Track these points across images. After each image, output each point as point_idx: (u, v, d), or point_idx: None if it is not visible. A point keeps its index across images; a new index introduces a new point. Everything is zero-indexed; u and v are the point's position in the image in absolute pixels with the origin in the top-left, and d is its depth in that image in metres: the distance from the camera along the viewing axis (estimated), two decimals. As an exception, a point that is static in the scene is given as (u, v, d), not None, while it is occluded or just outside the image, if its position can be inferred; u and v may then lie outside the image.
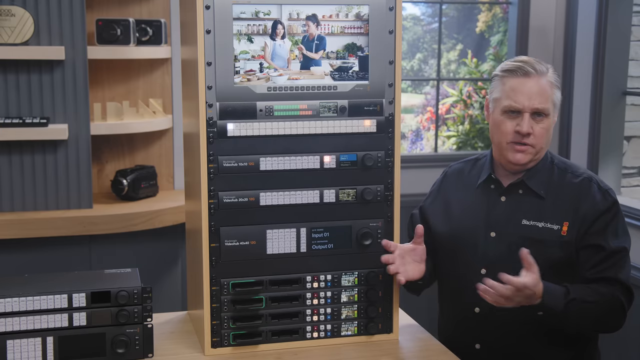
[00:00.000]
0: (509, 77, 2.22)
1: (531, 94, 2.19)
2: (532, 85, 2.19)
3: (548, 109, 2.20)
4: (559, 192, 2.23)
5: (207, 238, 2.14)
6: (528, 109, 2.19)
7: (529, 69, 2.20)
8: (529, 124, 2.18)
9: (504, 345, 2.25)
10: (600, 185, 2.23)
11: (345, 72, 2.17)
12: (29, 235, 3.26)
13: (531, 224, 2.22)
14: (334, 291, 2.24)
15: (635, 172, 4.40)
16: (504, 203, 2.27)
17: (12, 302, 2.03)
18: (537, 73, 2.20)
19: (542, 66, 2.22)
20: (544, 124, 2.20)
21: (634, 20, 4.01)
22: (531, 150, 2.22)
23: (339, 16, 2.15)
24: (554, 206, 2.22)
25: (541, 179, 2.25)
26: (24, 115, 3.31)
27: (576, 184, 2.23)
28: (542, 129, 2.20)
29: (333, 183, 2.20)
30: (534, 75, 2.19)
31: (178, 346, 2.24)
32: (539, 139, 2.21)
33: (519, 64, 2.22)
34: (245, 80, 2.12)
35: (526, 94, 2.19)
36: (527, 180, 2.25)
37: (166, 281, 3.67)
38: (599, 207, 2.19)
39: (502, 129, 2.23)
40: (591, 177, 2.25)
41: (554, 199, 2.23)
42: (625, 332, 3.54)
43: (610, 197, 2.21)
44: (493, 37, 4.98)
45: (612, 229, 2.19)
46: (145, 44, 3.57)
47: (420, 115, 5.23)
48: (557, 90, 2.24)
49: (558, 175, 2.26)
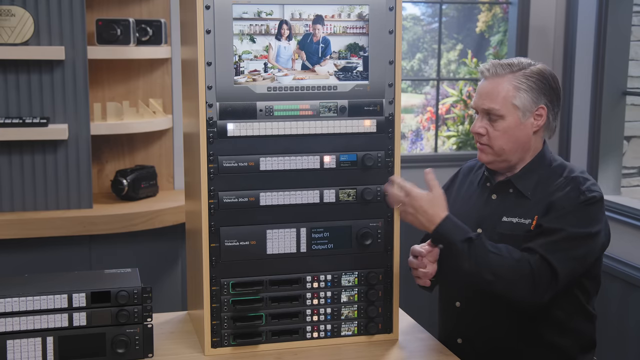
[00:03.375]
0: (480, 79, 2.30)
1: (482, 94, 2.24)
2: (486, 86, 2.23)
3: (497, 110, 2.19)
4: (543, 192, 2.22)
5: (207, 238, 2.14)
6: (479, 109, 2.25)
7: (486, 72, 2.24)
8: (479, 124, 2.24)
9: (484, 340, 2.26)
10: (580, 186, 2.16)
11: (349, 72, 2.18)
12: (29, 235, 3.26)
13: (508, 220, 2.23)
14: (334, 291, 2.24)
15: (635, 172, 4.40)
16: (494, 201, 2.29)
17: (12, 302, 2.03)
18: (494, 75, 2.22)
19: (507, 68, 2.21)
20: (499, 126, 2.21)
21: (634, 20, 4.01)
22: (488, 151, 2.24)
23: (342, 16, 2.15)
24: (533, 204, 2.21)
25: (531, 180, 2.24)
26: (24, 115, 3.31)
27: (559, 182, 2.20)
28: (498, 131, 2.21)
29: (333, 183, 2.20)
30: (490, 77, 2.23)
31: (178, 346, 2.24)
32: (493, 140, 2.22)
33: (485, 65, 2.27)
34: (250, 80, 2.12)
35: (480, 95, 2.25)
36: (515, 180, 2.25)
37: (166, 281, 3.67)
38: (567, 200, 2.14)
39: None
40: (577, 177, 2.19)
41: (537, 198, 2.22)
42: (624, 332, 3.54)
43: (584, 195, 2.14)
44: (493, 37, 4.98)
45: (560, 212, 2.13)
46: (145, 44, 3.57)
47: (420, 115, 5.22)
48: (524, 92, 2.19)
49: (549, 177, 2.23)
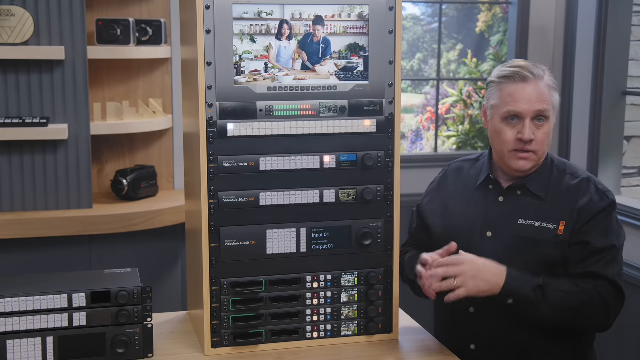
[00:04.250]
0: (506, 83, 2.20)
1: (531, 98, 2.17)
2: (532, 90, 2.18)
3: (549, 111, 2.20)
4: (557, 193, 2.23)
5: (207, 238, 2.14)
6: (529, 113, 2.17)
7: (527, 74, 2.18)
8: (530, 130, 2.17)
9: (499, 346, 2.25)
10: (598, 187, 2.22)
11: (350, 72, 2.18)
12: (29, 235, 3.26)
13: (527, 223, 2.21)
14: (334, 291, 2.24)
15: (635, 172, 4.40)
16: (501, 203, 2.27)
17: (12, 302, 2.03)
18: (535, 77, 2.19)
19: (539, 70, 2.21)
20: (544, 129, 2.19)
21: (634, 20, 4.01)
22: (534, 157, 2.21)
23: (342, 16, 2.15)
24: (552, 206, 2.22)
25: (542, 181, 2.25)
26: (24, 115, 3.31)
27: (575, 184, 2.23)
28: (544, 134, 2.19)
29: (333, 183, 2.20)
30: (532, 80, 2.18)
31: (178, 346, 2.24)
32: (541, 144, 2.20)
33: (515, 69, 2.20)
34: (251, 80, 2.12)
35: (526, 99, 2.17)
36: (528, 184, 2.24)
37: (166, 281, 3.67)
38: (595, 206, 2.18)
39: (503, 138, 2.21)
40: (590, 177, 2.25)
41: (552, 199, 2.23)
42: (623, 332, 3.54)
43: (607, 198, 2.21)
44: (493, 37, 4.98)
45: (603, 228, 2.18)
46: (145, 44, 3.57)
47: (420, 115, 5.23)
48: (556, 92, 2.23)
49: (557, 176, 2.26)
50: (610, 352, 3.58)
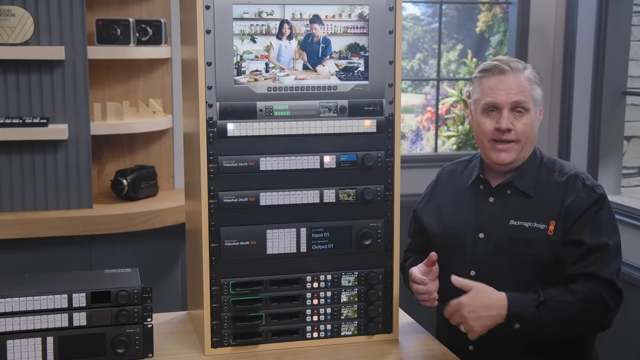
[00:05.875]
0: (486, 77, 2.25)
1: (509, 90, 2.20)
2: (510, 82, 2.21)
3: (527, 102, 2.21)
4: (546, 191, 2.23)
5: (207, 238, 2.14)
6: (506, 104, 2.20)
7: (504, 67, 2.22)
8: (508, 120, 2.20)
9: (497, 347, 2.25)
10: (585, 183, 2.21)
11: (351, 72, 2.18)
12: (29, 235, 3.26)
13: (518, 224, 2.21)
14: (334, 291, 2.24)
15: (635, 172, 4.40)
16: (492, 204, 2.27)
17: (12, 302, 2.03)
18: (513, 70, 2.22)
19: (519, 64, 2.24)
20: (524, 120, 2.21)
21: (634, 20, 4.01)
22: (514, 147, 2.22)
23: (342, 16, 2.15)
24: (541, 206, 2.21)
25: (530, 178, 2.25)
26: (24, 115, 3.31)
27: (562, 182, 2.22)
28: (523, 124, 2.21)
29: (333, 183, 2.20)
30: (509, 72, 2.21)
31: (178, 346, 2.24)
32: (521, 134, 2.21)
33: (495, 62, 2.24)
34: (252, 80, 2.12)
35: (504, 90, 2.20)
36: (515, 181, 2.25)
37: (166, 281, 3.67)
38: (583, 203, 2.18)
39: (482, 128, 2.24)
40: (577, 174, 2.23)
41: (541, 198, 2.22)
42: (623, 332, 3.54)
43: (595, 192, 2.19)
44: (493, 37, 4.98)
45: (594, 225, 2.16)
46: (145, 44, 3.57)
47: (420, 115, 5.22)
48: (537, 86, 2.24)
49: (545, 174, 2.25)
50: (611, 352, 3.58)
